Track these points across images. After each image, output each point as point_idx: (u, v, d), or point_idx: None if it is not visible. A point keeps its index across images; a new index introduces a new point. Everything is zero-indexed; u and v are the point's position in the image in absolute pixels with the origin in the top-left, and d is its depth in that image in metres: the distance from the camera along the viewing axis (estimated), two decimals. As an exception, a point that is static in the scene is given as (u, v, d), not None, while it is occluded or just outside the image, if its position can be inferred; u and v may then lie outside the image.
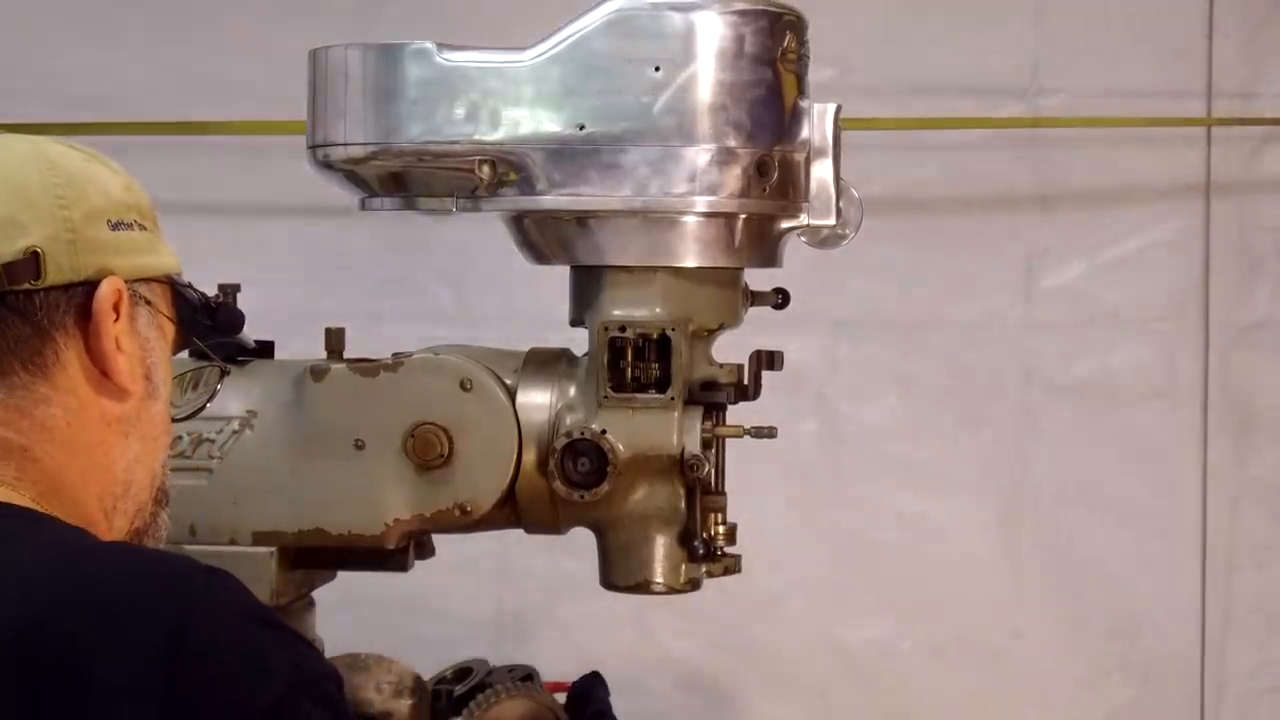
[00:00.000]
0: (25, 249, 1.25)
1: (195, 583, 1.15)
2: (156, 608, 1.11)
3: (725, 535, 1.94)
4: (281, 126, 3.08)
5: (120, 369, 1.30)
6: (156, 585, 1.14)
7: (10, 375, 1.25)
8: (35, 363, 1.26)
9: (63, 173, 1.30)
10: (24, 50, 3.29)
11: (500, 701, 2.07)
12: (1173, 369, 3.31)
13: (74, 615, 1.10)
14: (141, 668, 1.08)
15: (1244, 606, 3.30)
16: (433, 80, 1.84)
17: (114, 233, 1.31)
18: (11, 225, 1.26)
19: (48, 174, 1.29)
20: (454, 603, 3.21)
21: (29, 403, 1.26)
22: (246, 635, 1.14)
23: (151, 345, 1.35)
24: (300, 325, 2.11)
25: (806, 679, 3.32)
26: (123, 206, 1.33)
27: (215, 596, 1.15)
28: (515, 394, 1.92)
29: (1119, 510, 3.31)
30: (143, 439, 1.34)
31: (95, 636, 1.09)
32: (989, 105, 3.27)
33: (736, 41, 1.84)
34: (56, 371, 1.27)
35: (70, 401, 1.28)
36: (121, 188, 1.34)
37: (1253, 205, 3.29)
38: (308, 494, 1.92)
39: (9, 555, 1.17)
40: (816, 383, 3.27)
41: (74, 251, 1.27)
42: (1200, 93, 3.27)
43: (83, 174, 1.31)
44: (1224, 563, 3.30)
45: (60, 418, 1.27)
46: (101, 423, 1.30)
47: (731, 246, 1.88)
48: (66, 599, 1.11)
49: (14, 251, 1.25)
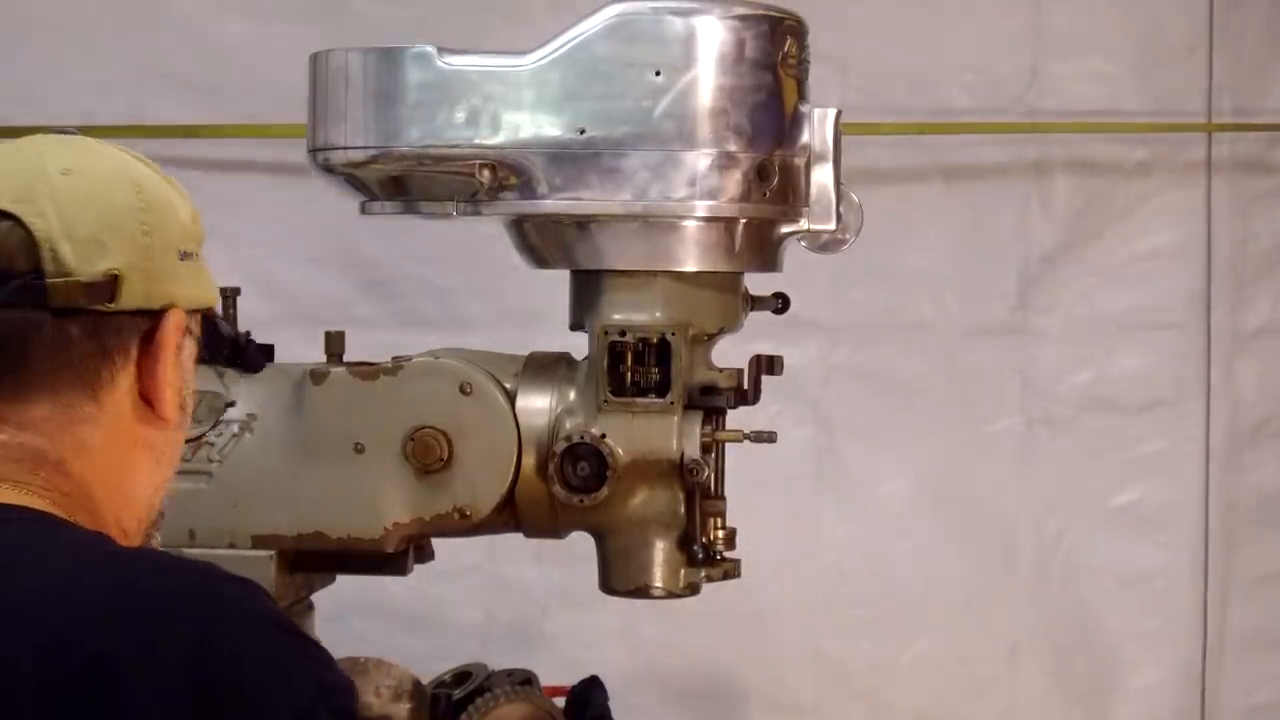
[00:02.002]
0: (107, 271, 1.25)
1: (220, 591, 1.17)
2: (182, 619, 1.12)
3: (724, 540, 1.94)
4: (280, 130, 3.08)
5: (167, 400, 1.31)
6: (182, 595, 1.15)
7: (63, 391, 1.26)
8: (89, 382, 1.27)
9: (146, 197, 1.30)
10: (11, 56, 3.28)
11: (499, 705, 2.07)
12: (1174, 376, 3.28)
13: (102, 626, 1.11)
14: (169, 681, 1.09)
15: (1246, 617, 3.28)
16: (433, 84, 1.84)
17: (181, 263, 1.32)
18: (96, 245, 1.26)
19: (134, 196, 1.29)
20: (443, 614, 3.20)
21: (73, 420, 1.27)
22: (270, 647, 1.16)
23: (188, 376, 1.36)
24: (301, 327, 2.11)
25: (799, 690, 3.29)
26: (189, 236, 1.34)
27: (240, 606, 1.17)
28: (515, 398, 1.92)
29: (1119, 520, 3.28)
30: (166, 464, 1.36)
31: (123, 649, 1.10)
32: (989, 109, 3.26)
33: (737, 46, 1.84)
34: (105, 393, 1.28)
35: (112, 423, 1.29)
36: (190, 217, 1.35)
37: (1254, 211, 3.27)
38: (307, 497, 1.92)
39: (33, 560, 1.17)
40: (811, 389, 3.25)
41: (148, 279, 1.28)
42: (1201, 97, 3.26)
43: (163, 200, 1.32)
44: (1226, 573, 3.27)
45: (99, 437, 1.28)
46: (135, 446, 1.32)
47: (731, 251, 1.88)
48: (93, 609, 1.12)
49: (96, 272, 1.25)
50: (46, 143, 1.31)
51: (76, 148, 1.31)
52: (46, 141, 1.31)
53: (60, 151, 1.30)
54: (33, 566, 1.16)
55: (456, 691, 2.12)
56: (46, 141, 1.31)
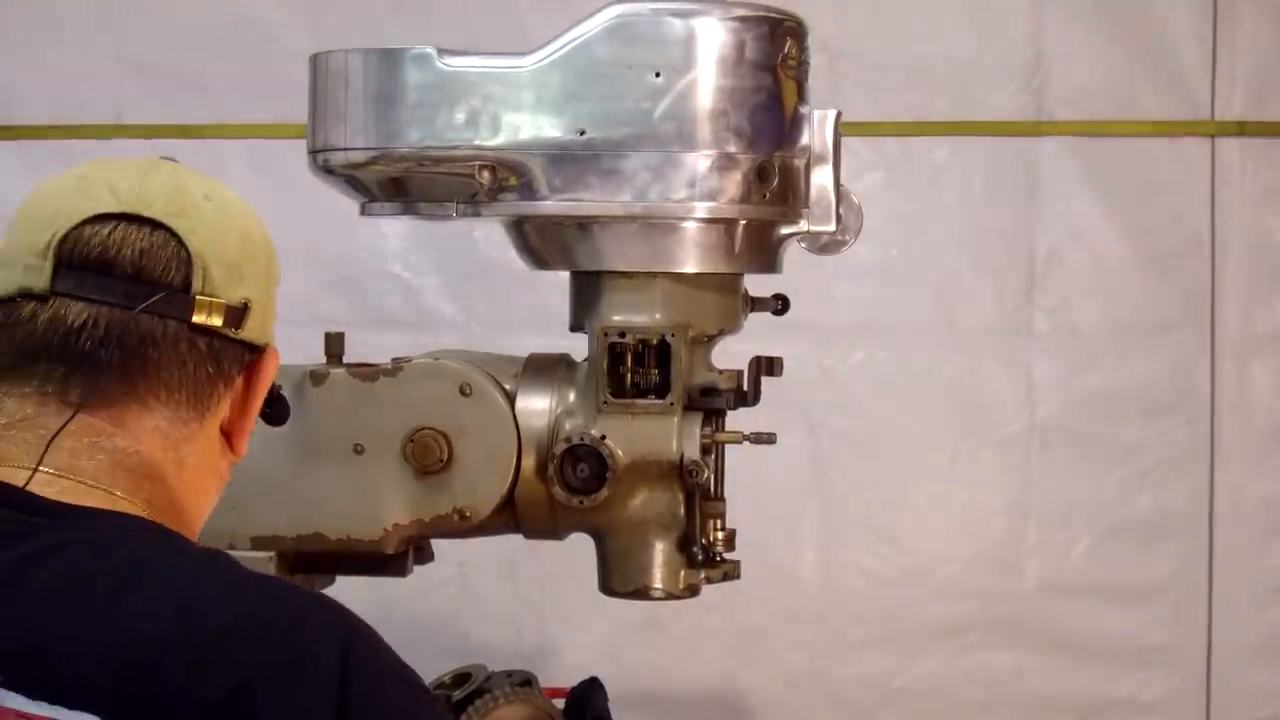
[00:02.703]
0: (243, 299, 1.31)
1: (354, 639, 1.19)
2: (321, 658, 1.15)
3: (724, 541, 1.93)
4: (279, 130, 3.09)
5: (245, 435, 1.37)
6: (319, 634, 1.18)
7: (180, 406, 1.30)
8: (202, 401, 1.31)
9: (268, 235, 1.37)
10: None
11: (499, 706, 2.07)
12: (1181, 380, 3.25)
13: (245, 654, 1.13)
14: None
15: (1252, 623, 3.25)
16: (433, 85, 1.84)
17: (268, 298, 1.37)
18: (237, 272, 1.31)
19: (263, 233, 1.36)
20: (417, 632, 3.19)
21: (181, 436, 1.31)
22: (404, 696, 1.20)
23: (252, 410, 1.39)
24: (300, 329, 2.10)
25: (789, 708, 3.27)
26: (278, 277, 1.39)
27: (372, 649, 1.20)
28: (515, 399, 1.92)
29: (1124, 527, 3.25)
30: (219, 494, 1.40)
31: (266, 680, 1.12)
32: (991, 109, 3.25)
33: (737, 47, 1.84)
34: (210, 415, 1.32)
35: (206, 446, 1.33)
36: (269, 256, 1.39)
37: (1259, 214, 3.25)
38: (307, 498, 1.92)
39: (168, 573, 1.19)
40: (808, 391, 3.23)
41: (265, 314, 1.34)
42: (1206, 98, 3.25)
43: (270, 240, 1.38)
44: (1231, 576, 3.25)
45: (194, 457, 1.32)
46: (212, 474, 1.36)
47: (731, 252, 1.88)
48: (235, 635, 1.14)
49: (234, 298, 1.31)
50: (171, 165, 1.34)
51: (201, 176, 1.35)
52: (169, 164, 1.34)
53: (191, 176, 1.34)
54: (170, 580, 1.18)
55: (456, 693, 2.12)
56: (169, 164, 1.34)
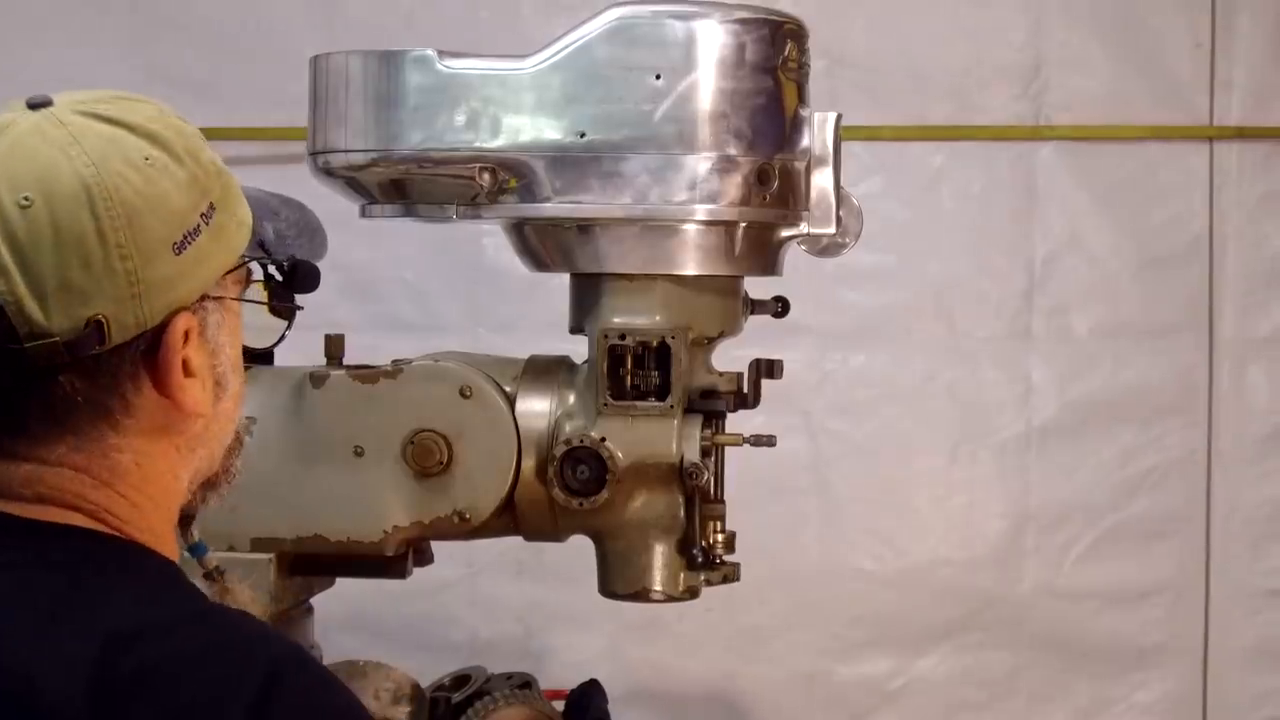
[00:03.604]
0: (87, 320, 1.14)
1: (277, 685, 1.11)
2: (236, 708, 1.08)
3: (724, 543, 1.93)
4: (279, 133, 3.08)
5: (190, 398, 1.22)
6: (238, 681, 1.10)
7: (80, 432, 1.20)
8: (101, 418, 1.20)
9: (119, 208, 1.15)
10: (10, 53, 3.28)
11: (498, 708, 2.07)
12: (1179, 383, 3.26)
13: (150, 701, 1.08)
14: None
15: (1249, 626, 3.26)
16: (434, 87, 1.84)
17: (179, 256, 1.18)
18: (68, 292, 1.14)
19: (104, 217, 1.15)
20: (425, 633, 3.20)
21: (100, 451, 1.21)
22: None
23: (221, 347, 1.26)
24: (300, 331, 2.10)
25: (793, 707, 3.28)
26: (186, 212, 1.19)
27: (302, 696, 1.13)
28: (515, 401, 1.92)
29: (1122, 529, 3.26)
30: (213, 438, 1.30)
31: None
32: (991, 113, 3.26)
33: (737, 50, 1.84)
34: (125, 420, 1.21)
35: (141, 444, 1.23)
36: (186, 182, 1.20)
37: (1257, 218, 3.26)
38: (307, 501, 1.92)
39: (102, 587, 1.15)
40: (807, 394, 3.24)
41: (139, 305, 1.16)
42: (1204, 103, 3.25)
43: (141, 201, 1.17)
44: (1228, 579, 3.26)
45: (131, 460, 1.23)
46: (172, 452, 1.26)
47: (731, 254, 1.88)
48: (143, 681, 1.09)
49: (74, 325, 1.14)
50: (5, 146, 1.16)
51: (35, 151, 1.15)
52: (6, 142, 1.16)
53: (19, 161, 1.15)
54: (104, 594, 1.14)
55: (456, 695, 2.12)
56: (6, 142, 1.16)
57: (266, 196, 1.39)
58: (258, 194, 1.43)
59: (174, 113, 1.25)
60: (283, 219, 1.39)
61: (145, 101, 1.24)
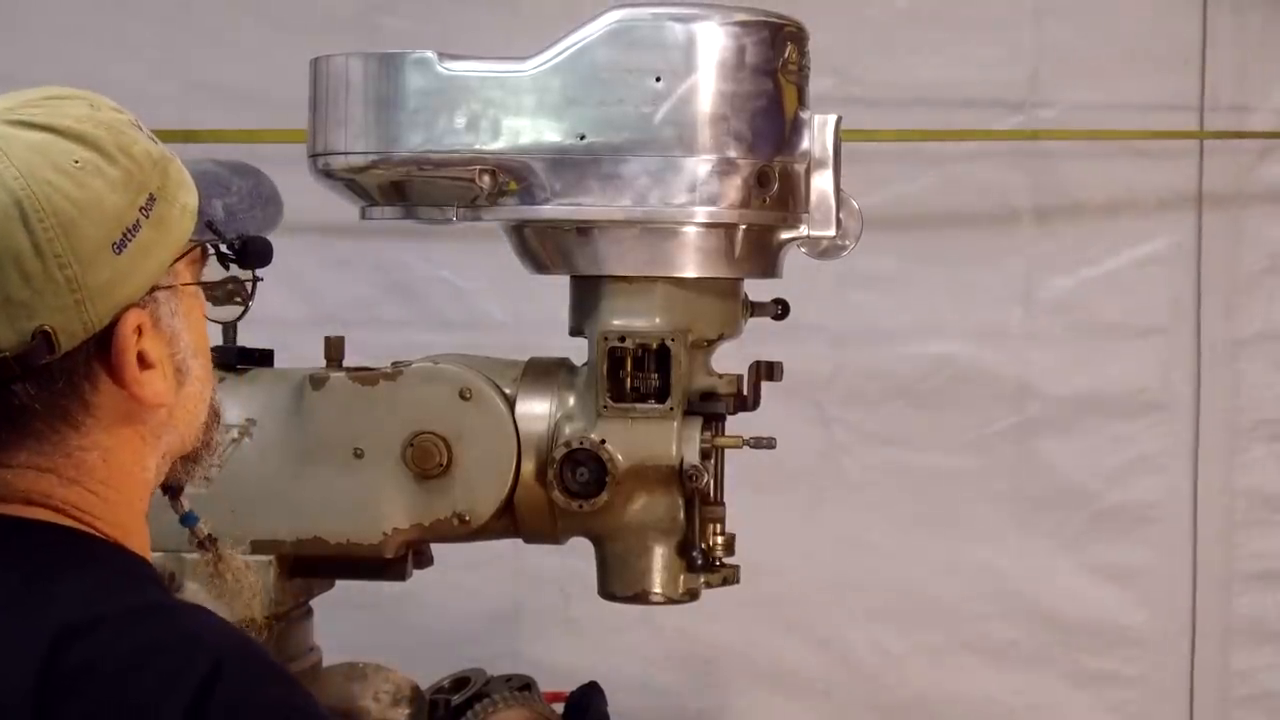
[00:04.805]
0: (32, 332, 1.14)
1: (214, 687, 1.10)
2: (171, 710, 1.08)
3: (724, 546, 1.94)
4: (283, 135, 3.08)
5: (150, 390, 1.22)
6: (176, 682, 1.10)
7: (41, 436, 1.20)
8: (64, 420, 1.20)
9: (52, 218, 1.14)
10: (26, 55, 3.28)
11: (498, 711, 2.07)
12: (1166, 382, 3.31)
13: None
14: None
15: (1236, 620, 3.31)
16: (434, 90, 1.84)
17: (120, 255, 1.18)
18: (11, 306, 1.14)
19: (39, 230, 1.14)
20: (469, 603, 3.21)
21: (64, 451, 1.21)
22: None
23: (178, 334, 1.26)
24: (300, 332, 2.11)
25: (810, 684, 3.31)
26: (123, 210, 1.18)
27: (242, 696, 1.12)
28: (514, 403, 1.92)
29: (1113, 523, 3.31)
30: (180, 422, 1.30)
31: None
32: (986, 118, 3.27)
33: (737, 52, 1.84)
34: (87, 420, 1.21)
35: (105, 441, 1.23)
36: (120, 180, 1.19)
37: (1246, 219, 3.30)
38: (306, 503, 1.92)
39: (52, 588, 1.16)
40: (813, 394, 3.26)
41: (85, 311, 1.16)
42: (1194, 106, 3.28)
43: (74, 207, 1.16)
44: (1216, 576, 3.30)
45: (97, 458, 1.23)
46: (137, 441, 1.26)
47: (731, 257, 1.88)
48: (84, 677, 1.09)
49: (19, 338, 1.14)
50: None
51: None
52: None
53: None
54: (58, 588, 1.15)
55: (455, 697, 2.12)
56: None
57: (218, 170, 1.37)
58: (210, 167, 1.41)
59: (108, 104, 1.25)
60: (234, 192, 1.36)
61: (76, 98, 1.23)
